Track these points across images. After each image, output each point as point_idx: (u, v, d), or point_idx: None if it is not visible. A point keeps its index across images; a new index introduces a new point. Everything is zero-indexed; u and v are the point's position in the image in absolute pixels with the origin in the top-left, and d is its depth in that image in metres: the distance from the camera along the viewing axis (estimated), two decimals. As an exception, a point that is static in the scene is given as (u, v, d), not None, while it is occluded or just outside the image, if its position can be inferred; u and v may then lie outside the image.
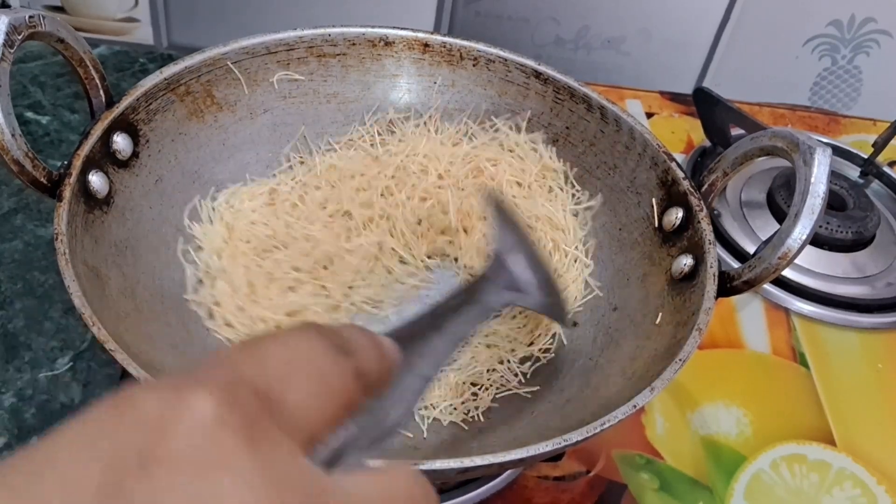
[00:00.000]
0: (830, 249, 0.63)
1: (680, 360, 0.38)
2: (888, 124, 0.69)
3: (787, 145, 0.41)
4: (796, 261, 0.62)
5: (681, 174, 0.46)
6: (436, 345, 0.26)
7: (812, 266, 0.62)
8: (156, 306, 0.45)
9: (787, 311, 0.59)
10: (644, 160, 0.49)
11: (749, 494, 0.48)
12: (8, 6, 0.74)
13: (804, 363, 0.56)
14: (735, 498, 0.48)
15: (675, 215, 0.46)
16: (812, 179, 0.39)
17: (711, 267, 0.42)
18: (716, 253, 0.43)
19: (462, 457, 0.33)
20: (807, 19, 0.77)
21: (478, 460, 0.33)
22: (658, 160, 0.48)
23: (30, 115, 0.68)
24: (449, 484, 0.45)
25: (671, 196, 0.47)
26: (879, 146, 0.69)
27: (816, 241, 0.63)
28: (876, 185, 0.71)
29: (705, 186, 0.46)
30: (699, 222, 0.44)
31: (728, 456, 0.50)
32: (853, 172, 0.72)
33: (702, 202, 0.45)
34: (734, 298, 0.60)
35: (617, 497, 0.47)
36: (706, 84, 0.81)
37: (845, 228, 0.63)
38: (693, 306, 0.42)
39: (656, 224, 0.48)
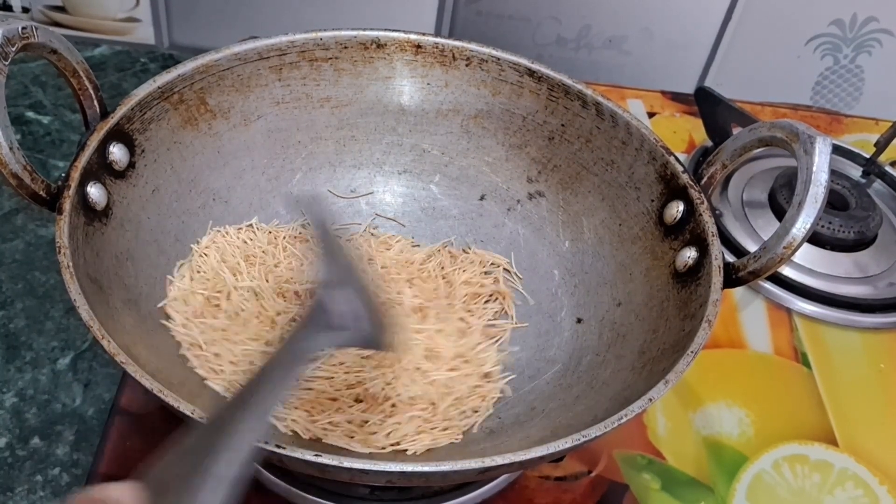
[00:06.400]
0: (832, 249, 0.63)
1: (692, 351, 0.38)
2: (890, 124, 0.69)
3: (787, 135, 0.41)
4: (798, 260, 0.63)
5: (679, 168, 0.46)
6: (246, 420, 0.27)
7: (814, 266, 0.61)
8: (160, 318, 0.45)
9: (789, 311, 0.59)
10: (642, 155, 0.49)
11: (751, 495, 0.48)
12: (9, 7, 0.74)
13: (806, 363, 0.56)
14: (737, 498, 0.48)
15: (676, 209, 0.46)
16: (814, 168, 0.39)
17: (716, 258, 0.42)
18: (720, 244, 0.43)
19: (477, 457, 0.33)
20: (809, 18, 0.77)
21: (499, 459, 0.33)
22: (656, 154, 0.48)
23: (31, 114, 0.68)
24: (450, 486, 0.45)
25: (671, 190, 0.47)
26: (881, 146, 0.69)
27: (818, 240, 0.63)
28: (878, 184, 0.71)
29: (705, 179, 0.45)
30: (700, 215, 0.44)
31: (730, 456, 0.50)
32: (855, 172, 0.71)
33: (702, 195, 0.45)
34: (736, 298, 0.60)
35: (619, 497, 0.47)
36: (708, 83, 0.81)
37: (847, 228, 0.63)
38: (700, 298, 0.42)
39: (657, 218, 0.47)
